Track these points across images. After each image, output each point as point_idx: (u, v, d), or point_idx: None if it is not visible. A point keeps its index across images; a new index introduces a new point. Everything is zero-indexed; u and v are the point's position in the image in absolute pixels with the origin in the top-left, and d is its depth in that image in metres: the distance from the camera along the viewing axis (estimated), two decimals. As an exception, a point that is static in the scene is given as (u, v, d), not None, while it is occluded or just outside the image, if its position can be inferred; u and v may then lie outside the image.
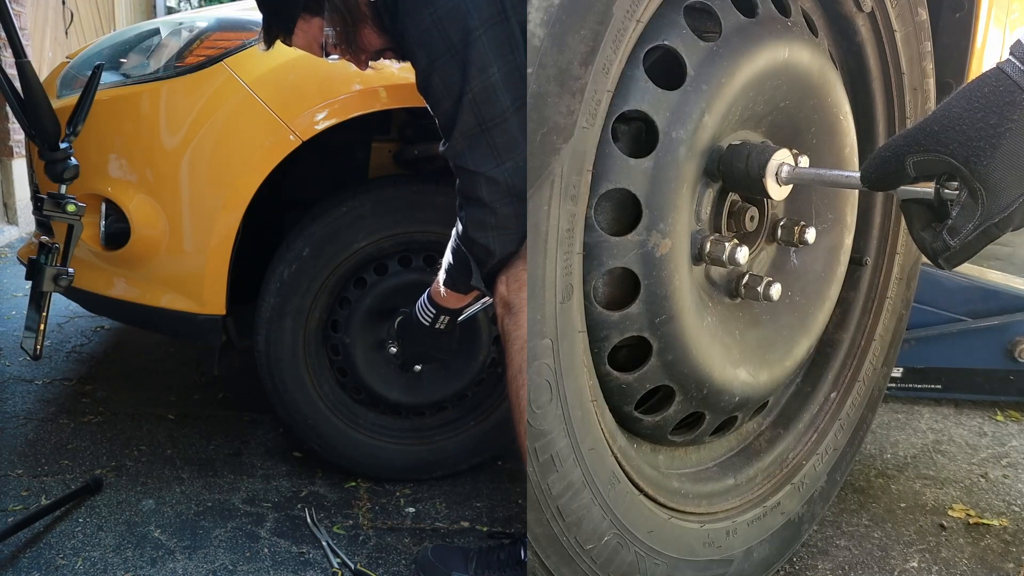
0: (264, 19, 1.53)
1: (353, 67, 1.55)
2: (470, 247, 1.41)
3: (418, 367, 1.92)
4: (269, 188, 1.84)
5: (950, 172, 0.89)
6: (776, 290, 1.39)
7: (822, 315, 1.56)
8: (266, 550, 1.72)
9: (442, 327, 1.63)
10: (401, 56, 1.51)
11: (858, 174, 1.04)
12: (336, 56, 1.53)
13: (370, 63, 1.54)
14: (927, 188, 0.98)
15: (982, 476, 2.14)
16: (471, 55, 1.29)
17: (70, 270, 1.65)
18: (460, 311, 1.64)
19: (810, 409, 1.71)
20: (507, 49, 1.31)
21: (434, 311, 1.61)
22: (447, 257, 1.50)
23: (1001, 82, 0.86)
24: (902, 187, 0.99)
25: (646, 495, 1.33)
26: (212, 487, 1.97)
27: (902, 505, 1.99)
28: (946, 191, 0.96)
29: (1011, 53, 0.87)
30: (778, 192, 1.26)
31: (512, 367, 1.44)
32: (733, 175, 1.27)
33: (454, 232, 1.46)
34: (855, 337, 1.75)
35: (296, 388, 1.94)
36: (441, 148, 1.40)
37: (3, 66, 1.64)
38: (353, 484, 2.00)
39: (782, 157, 1.24)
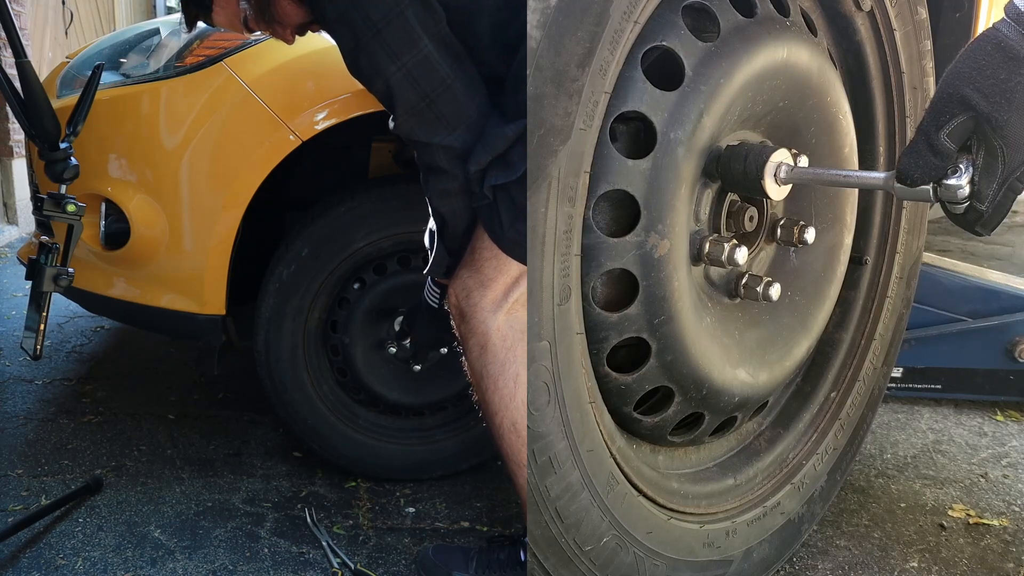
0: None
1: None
2: (435, 216, 1.43)
3: (418, 367, 1.92)
4: (269, 188, 1.84)
5: (976, 132, 0.91)
6: (775, 290, 1.38)
7: (822, 315, 1.56)
8: (266, 550, 1.72)
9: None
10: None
11: (882, 175, 1.05)
12: (259, 32, 1.50)
13: (296, 36, 1.50)
14: (925, 187, 0.98)
15: (982, 476, 2.14)
16: (395, 32, 1.28)
17: (70, 270, 1.65)
18: None
19: (810, 409, 1.70)
20: (431, 22, 1.30)
21: (439, 291, 1.60)
22: (426, 241, 1.52)
23: (1000, 40, 0.89)
24: (898, 185, 1.00)
25: (645, 496, 1.33)
26: (212, 487, 1.97)
27: (902, 505, 1.98)
28: (942, 189, 0.96)
29: (1005, 13, 0.90)
30: (777, 192, 1.26)
31: (473, 373, 1.45)
32: (731, 176, 1.27)
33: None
34: (855, 337, 1.75)
35: (295, 388, 1.94)
36: (391, 125, 1.39)
37: (3, 66, 1.63)
38: (353, 484, 2.00)
39: (780, 157, 1.24)
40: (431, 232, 1.49)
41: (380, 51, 1.30)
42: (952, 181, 0.94)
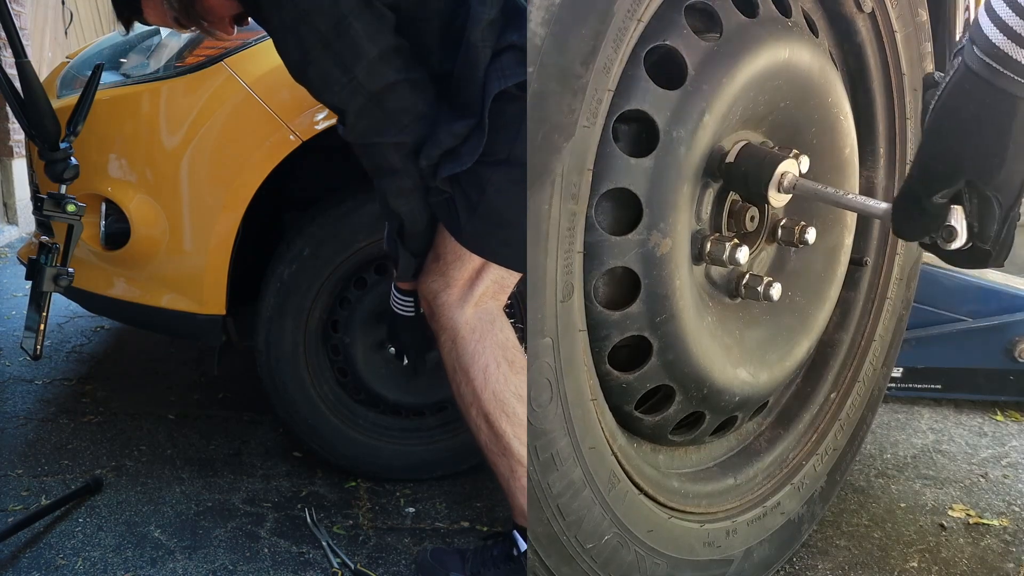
0: (113, 1, 1.50)
1: None
2: (393, 220, 1.44)
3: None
4: (269, 188, 1.84)
5: (967, 186, 0.90)
6: (776, 290, 1.39)
7: (822, 315, 1.56)
8: (266, 550, 1.72)
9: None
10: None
11: (882, 206, 1.06)
12: (194, 28, 1.49)
13: (236, 28, 1.50)
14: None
15: (982, 476, 2.14)
16: (345, 44, 1.28)
17: (70, 270, 1.65)
18: None
19: (810, 409, 1.70)
20: (377, 32, 1.30)
21: (411, 299, 1.60)
22: (386, 246, 1.53)
23: (986, 94, 0.83)
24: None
25: (646, 495, 1.33)
26: (212, 487, 1.97)
27: (902, 505, 1.98)
28: (945, 249, 0.96)
29: (974, 44, 0.83)
30: (779, 201, 1.28)
31: (447, 368, 1.47)
32: (735, 183, 1.28)
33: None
34: (855, 337, 1.75)
35: (296, 388, 1.94)
36: (340, 132, 1.40)
37: (3, 66, 1.63)
38: (353, 484, 2.00)
39: (785, 168, 1.25)
40: (392, 238, 1.50)
41: (331, 63, 1.30)
42: (949, 230, 0.93)
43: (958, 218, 0.92)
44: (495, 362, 1.42)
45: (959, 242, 0.93)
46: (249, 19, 1.49)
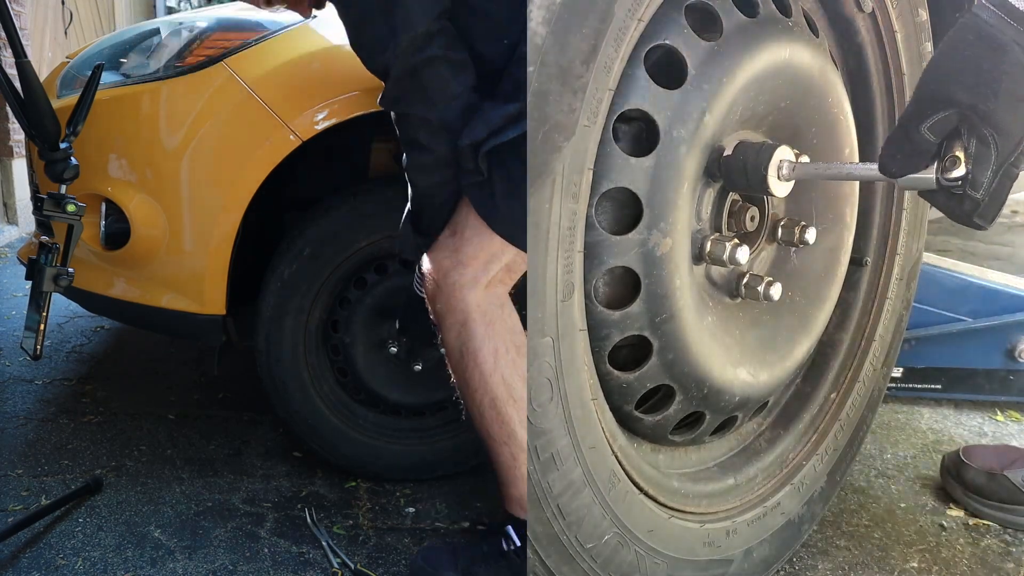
0: None
1: (353, 67, 1.54)
2: (411, 193, 1.46)
3: (418, 367, 1.92)
4: (269, 188, 1.84)
5: (962, 124, 0.91)
6: (776, 290, 1.39)
7: (822, 315, 1.56)
8: (266, 550, 1.72)
9: None
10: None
11: (875, 166, 1.05)
12: (278, 6, 1.57)
13: (314, 10, 1.58)
14: (927, 176, 0.98)
15: (982, 476, 2.14)
16: (399, 12, 1.31)
17: (70, 270, 1.65)
18: None
19: (810, 409, 1.70)
20: (430, 8, 1.32)
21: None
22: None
23: (982, 29, 0.89)
24: (901, 177, 1.00)
25: (646, 494, 1.33)
26: (212, 487, 1.97)
27: (902, 505, 1.98)
28: (945, 177, 0.96)
29: None
30: (781, 189, 1.27)
31: (451, 352, 1.45)
32: (733, 177, 1.28)
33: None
34: (855, 338, 1.75)
35: (296, 388, 1.93)
36: (379, 100, 1.42)
37: (3, 66, 1.63)
38: (353, 484, 2.00)
39: (782, 155, 1.25)
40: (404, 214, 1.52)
41: (384, 26, 1.33)
42: (953, 159, 0.94)
43: (959, 152, 0.94)
44: (504, 347, 1.42)
45: (960, 171, 0.94)
46: (327, 3, 1.54)
